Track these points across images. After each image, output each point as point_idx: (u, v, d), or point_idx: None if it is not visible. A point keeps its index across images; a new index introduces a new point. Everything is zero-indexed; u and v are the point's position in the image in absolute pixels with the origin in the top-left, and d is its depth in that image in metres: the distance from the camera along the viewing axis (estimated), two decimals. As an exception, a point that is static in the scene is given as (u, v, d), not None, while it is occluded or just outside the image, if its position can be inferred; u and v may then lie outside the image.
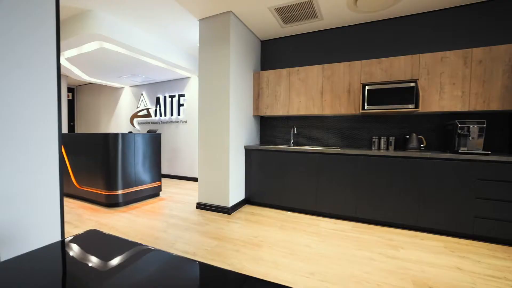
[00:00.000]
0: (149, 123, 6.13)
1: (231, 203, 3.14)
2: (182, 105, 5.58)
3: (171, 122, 5.76)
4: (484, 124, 2.43)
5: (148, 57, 4.13)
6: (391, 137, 3.01)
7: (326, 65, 3.23)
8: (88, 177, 3.54)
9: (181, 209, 3.28)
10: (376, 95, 2.85)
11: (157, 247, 2.11)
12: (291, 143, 3.62)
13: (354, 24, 3.35)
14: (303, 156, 3.10)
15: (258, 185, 3.40)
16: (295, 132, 3.71)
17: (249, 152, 3.45)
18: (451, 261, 1.99)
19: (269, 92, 3.60)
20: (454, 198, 2.42)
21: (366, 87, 2.89)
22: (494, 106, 2.48)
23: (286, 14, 3.12)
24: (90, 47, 3.71)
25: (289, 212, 3.18)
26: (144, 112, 6.19)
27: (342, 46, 3.43)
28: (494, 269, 1.89)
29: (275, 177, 3.28)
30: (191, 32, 3.82)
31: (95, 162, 3.42)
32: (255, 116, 3.83)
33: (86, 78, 5.66)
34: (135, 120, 6.36)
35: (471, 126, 2.46)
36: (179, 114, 5.63)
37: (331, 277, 1.76)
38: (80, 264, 0.71)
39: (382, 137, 3.04)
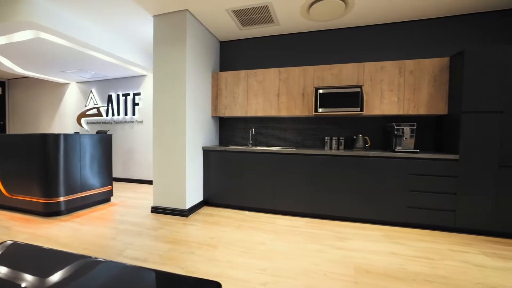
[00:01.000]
0: (100, 123, 5.65)
1: (188, 205, 3.07)
2: (138, 104, 5.27)
3: (125, 122, 5.39)
4: (414, 126, 2.79)
5: (98, 52, 3.81)
6: (341, 138, 3.25)
7: (282, 69, 3.36)
8: (21, 184, 3.12)
9: (134, 214, 3.09)
10: (327, 99, 3.06)
11: (102, 256, 1.97)
12: (249, 143, 3.68)
13: (308, 31, 3.55)
14: (261, 156, 3.17)
15: (217, 186, 3.38)
16: (253, 133, 3.78)
17: (207, 153, 3.41)
18: (387, 248, 2.24)
19: (227, 93, 3.60)
20: (392, 191, 2.72)
21: (319, 91, 3.09)
22: (423, 110, 2.86)
23: (243, 17, 3.17)
24: (23, 36, 3.28)
25: (247, 212, 3.22)
26: (94, 111, 5.68)
27: (298, 51, 3.61)
28: (420, 251, 2.17)
29: (234, 177, 3.30)
30: (146, 29, 3.63)
31: (31, 167, 3.03)
32: (213, 117, 3.80)
33: (20, 71, 4.99)
34: (83, 119, 5.80)
35: (404, 128, 2.80)
36: (134, 114, 5.30)
37: (282, 271, 1.83)
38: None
39: (334, 138, 3.27)
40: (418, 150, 2.77)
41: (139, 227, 2.67)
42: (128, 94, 5.32)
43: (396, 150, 2.81)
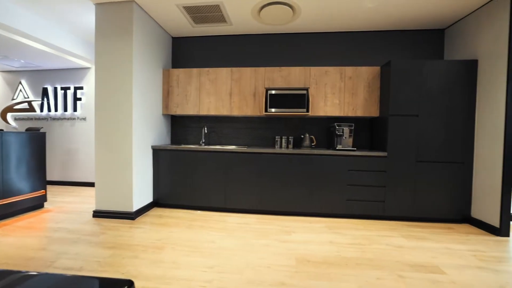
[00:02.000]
0: (32, 119, 4.97)
1: (135, 207, 2.91)
2: (80, 99, 4.79)
3: (64, 118, 4.84)
4: (352, 127, 3.10)
5: (26, 38, 3.35)
6: (290, 137, 3.43)
7: (234, 69, 3.40)
8: None
9: (72, 220, 2.82)
10: (276, 99, 3.20)
11: (27, 269, 1.77)
12: (202, 142, 3.64)
13: (261, 33, 3.66)
14: (213, 155, 3.17)
15: (168, 186, 3.28)
16: (206, 131, 3.75)
17: (158, 152, 3.28)
18: (327, 238, 2.45)
19: (179, 91, 3.51)
20: (333, 186, 2.98)
21: (269, 92, 3.21)
22: (359, 113, 3.19)
23: (195, 14, 3.12)
24: None
25: (199, 212, 3.19)
26: (25, 106, 4.98)
27: (250, 52, 3.69)
28: (354, 239, 2.43)
29: (185, 177, 3.23)
30: (90, 17, 3.32)
31: None
32: (165, 115, 3.66)
33: None
34: (9, 115, 5.04)
35: (344, 128, 3.08)
36: (75, 110, 4.80)
37: (229, 267, 1.88)
38: None
39: (284, 137, 3.44)
40: (355, 148, 3.09)
41: (76, 234, 2.45)
42: (68, 88, 4.80)
43: (337, 148, 3.08)
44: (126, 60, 2.82)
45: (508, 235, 2.53)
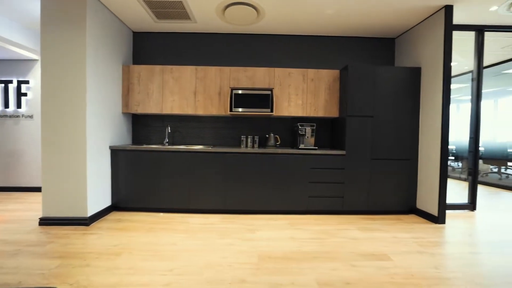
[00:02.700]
0: (-36, 117, 4.34)
1: (90, 212, 2.71)
2: (25, 94, 4.30)
3: (5, 116, 4.31)
4: (314, 127, 3.25)
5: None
6: (256, 136, 3.48)
7: (199, 67, 3.35)
8: None
9: (13, 230, 2.53)
10: (241, 99, 3.22)
11: (-50, 286, 1.56)
12: (166, 142, 3.52)
13: (226, 32, 3.65)
14: (177, 155, 3.09)
15: (129, 188, 3.11)
16: (170, 131, 3.63)
17: (117, 153, 3.09)
18: (289, 234, 2.54)
19: (140, 89, 3.35)
20: (296, 184, 3.09)
21: (234, 91, 3.22)
22: (321, 113, 3.35)
23: (157, 9, 3.00)
24: None
25: (162, 214, 3.08)
26: (-46, 101, 4.32)
27: (216, 51, 3.66)
28: (315, 233, 2.56)
29: (148, 178, 3.10)
30: (35, 3, 3.00)
31: None
32: (125, 114, 3.47)
33: None
34: None
35: (306, 128, 3.22)
36: (19, 107, 4.30)
37: (189, 269, 1.85)
38: None
39: (249, 136, 3.48)
40: (317, 147, 3.24)
41: (17, 245, 2.20)
42: (10, 82, 4.28)
43: (300, 147, 3.21)
44: (78, 53, 2.61)
45: (444, 222, 2.87)
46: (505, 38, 3.68)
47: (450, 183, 5.13)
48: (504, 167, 5.45)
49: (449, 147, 6.44)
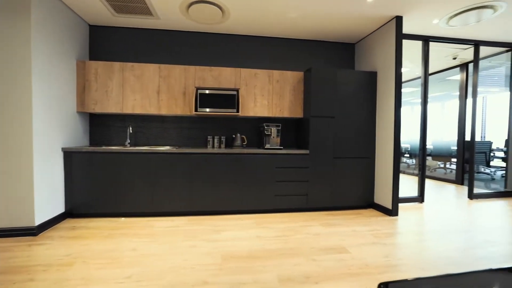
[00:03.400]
0: None
1: (38, 221, 2.47)
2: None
3: None
4: (279, 127, 3.32)
5: None
6: (222, 137, 3.47)
7: (163, 65, 3.23)
8: None
9: None
10: (207, 99, 3.18)
11: None
12: (127, 143, 3.34)
13: (192, 31, 3.57)
14: (140, 157, 2.95)
15: (85, 193, 2.89)
16: (131, 131, 3.46)
17: (71, 155, 2.86)
18: (255, 233, 2.57)
19: (98, 86, 3.14)
20: (263, 183, 3.14)
21: (199, 91, 3.17)
22: (286, 114, 3.44)
23: (115, 2, 2.84)
24: None
25: (123, 219, 2.92)
26: None
27: (180, 49, 3.57)
28: (280, 231, 2.62)
29: (107, 182, 2.91)
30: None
31: None
32: (81, 113, 3.22)
33: None
34: None
35: (272, 128, 3.28)
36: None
37: (149, 274, 1.78)
38: None
39: (216, 137, 3.45)
40: (282, 147, 3.32)
41: None
42: None
43: (265, 147, 3.26)
44: (21, 43, 2.36)
45: (397, 215, 3.13)
46: (446, 48, 4.12)
47: (405, 178, 5.62)
48: (449, 162, 6.10)
49: (404, 145, 7.04)
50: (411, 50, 3.91)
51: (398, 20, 3.07)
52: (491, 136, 6.01)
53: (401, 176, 5.96)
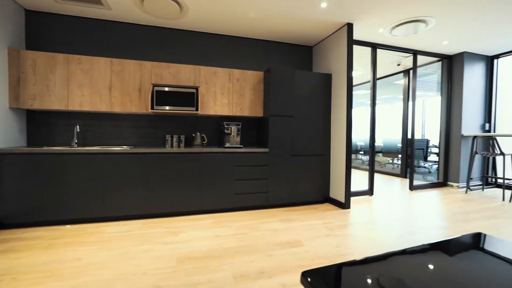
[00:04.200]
0: None
1: (-42, 234, 2.13)
2: None
3: None
4: (240, 126, 3.34)
5: None
6: (182, 136, 3.37)
7: (115, 60, 3.02)
8: None
9: None
10: (164, 97, 3.06)
11: None
12: (74, 143, 3.06)
13: (149, 25, 3.39)
14: (89, 157, 2.71)
15: (22, 200, 2.57)
16: (79, 130, 3.17)
17: (2, 158, 2.52)
18: (214, 232, 2.55)
19: (37, 79, 2.81)
20: (223, 182, 3.13)
21: (156, 88, 3.03)
22: (246, 113, 3.47)
23: (56, -14, 2.57)
24: None
25: (68, 226, 2.67)
26: None
27: (135, 43, 3.37)
28: (238, 229, 2.64)
29: (49, 186, 2.62)
30: None
31: None
32: (15, 109, 2.85)
33: None
34: None
35: (232, 127, 3.29)
36: None
37: (94, 284, 1.65)
38: None
39: (175, 136, 3.33)
40: (242, 146, 3.35)
41: None
42: None
43: (225, 146, 3.25)
44: None
45: (349, 207, 3.37)
46: (391, 55, 4.55)
47: (360, 174, 6.07)
48: (396, 158, 6.76)
49: (360, 143, 7.60)
50: (364, 56, 4.23)
51: (349, 27, 3.30)
52: (430, 134, 6.81)
53: (356, 171, 6.46)
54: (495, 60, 4.69)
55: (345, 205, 3.34)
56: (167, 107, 3.08)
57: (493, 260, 0.71)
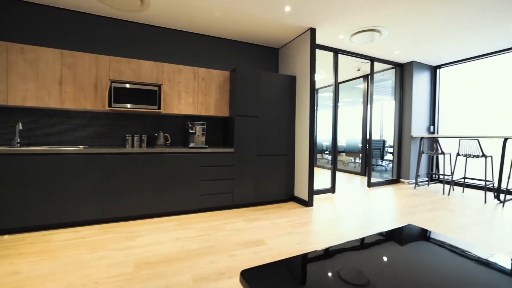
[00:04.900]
0: None
1: None
2: None
3: None
4: (205, 125, 3.29)
5: None
6: (144, 135, 3.21)
7: (67, 52, 2.77)
8: None
9: None
10: (123, 94, 2.88)
11: None
12: (16, 142, 2.74)
13: (107, 16, 3.17)
14: (35, 159, 2.44)
15: None
16: (21, 128, 2.84)
17: None
18: (175, 235, 2.48)
19: (-33, 70, 2.46)
20: (187, 183, 3.05)
21: (114, 84, 2.85)
22: (212, 112, 3.43)
23: (-8, -34, 2.27)
24: None
25: (6, 236, 2.38)
26: None
27: (91, 35, 3.13)
28: (202, 231, 2.60)
29: (-18, 191, 2.31)
30: None
31: None
32: None
33: None
34: None
35: (197, 126, 3.22)
36: None
37: (35, 298, 1.50)
38: None
39: (136, 135, 3.16)
40: (207, 146, 3.30)
41: None
42: None
43: (190, 146, 3.18)
44: None
45: (312, 205, 3.52)
46: (352, 61, 4.84)
47: (325, 173, 6.36)
48: (357, 158, 7.22)
49: (326, 143, 7.96)
50: (328, 60, 4.44)
51: (312, 32, 3.44)
52: (387, 135, 7.39)
53: (322, 170, 6.75)
54: (438, 70, 5.25)
55: (308, 203, 3.47)
56: (128, 105, 2.91)
57: (415, 245, 0.80)
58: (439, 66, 5.21)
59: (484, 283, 0.60)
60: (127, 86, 2.91)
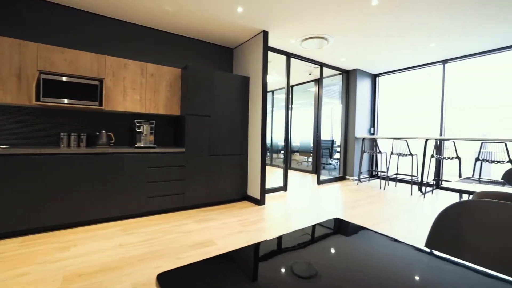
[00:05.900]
0: None
1: None
2: None
3: None
4: (153, 124, 3.13)
5: None
6: (82, 134, 2.91)
7: (-21, 35, 2.35)
8: None
9: None
10: (56, 87, 2.57)
11: None
12: None
13: (33, -3, 2.78)
14: None
15: None
16: None
17: None
18: (118, 241, 2.31)
19: None
20: (133, 185, 2.86)
21: (43, 76, 2.52)
22: (162, 110, 3.28)
23: None
24: None
25: None
26: None
27: (11, 16, 2.71)
28: (148, 235, 2.47)
29: None
30: None
31: None
32: None
33: None
34: None
35: (144, 125, 3.05)
36: None
37: None
38: None
39: (73, 134, 2.85)
40: (156, 146, 3.15)
41: None
42: None
43: (136, 146, 2.99)
44: None
45: (264, 203, 3.62)
46: (304, 65, 5.12)
47: (279, 172, 6.60)
48: (310, 157, 7.66)
49: (281, 143, 8.22)
50: (282, 63, 4.60)
51: (265, 34, 3.53)
52: (336, 136, 8.00)
53: (277, 170, 6.98)
54: (377, 78, 5.89)
55: (260, 202, 3.57)
56: (65, 100, 2.61)
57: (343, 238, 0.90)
58: (378, 75, 5.84)
59: (405, 260, 0.70)
60: (63, 79, 2.61)
